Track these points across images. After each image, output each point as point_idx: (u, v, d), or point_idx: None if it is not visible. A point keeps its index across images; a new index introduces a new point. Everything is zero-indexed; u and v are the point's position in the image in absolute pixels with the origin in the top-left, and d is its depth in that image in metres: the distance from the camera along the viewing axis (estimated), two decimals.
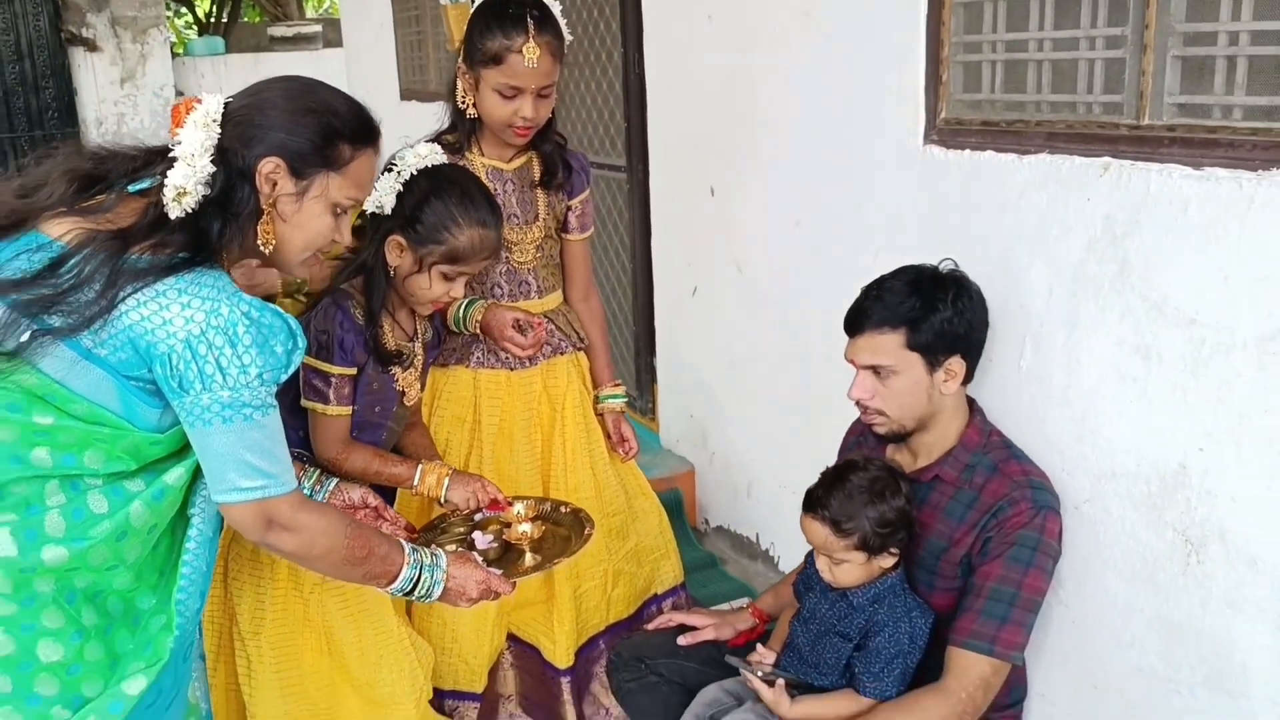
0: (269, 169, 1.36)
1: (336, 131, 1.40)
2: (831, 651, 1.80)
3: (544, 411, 2.26)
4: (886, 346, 1.74)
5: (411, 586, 1.56)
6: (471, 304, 2.11)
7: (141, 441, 1.33)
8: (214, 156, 1.34)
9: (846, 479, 1.76)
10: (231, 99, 1.40)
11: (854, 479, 1.75)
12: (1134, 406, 1.71)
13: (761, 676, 1.78)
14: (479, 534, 1.91)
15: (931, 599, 1.81)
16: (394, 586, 1.55)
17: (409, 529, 1.84)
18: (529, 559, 1.84)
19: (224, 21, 13.01)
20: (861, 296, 1.80)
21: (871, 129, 2.26)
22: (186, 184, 1.31)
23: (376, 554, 1.51)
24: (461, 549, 1.79)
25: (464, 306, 2.10)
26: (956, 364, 1.77)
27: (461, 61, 2.08)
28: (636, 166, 3.37)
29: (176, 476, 1.37)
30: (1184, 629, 1.68)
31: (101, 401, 1.30)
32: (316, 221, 1.42)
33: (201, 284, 1.30)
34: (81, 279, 1.26)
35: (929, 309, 1.73)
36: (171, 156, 1.33)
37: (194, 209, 1.32)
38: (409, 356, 1.90)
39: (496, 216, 1.85)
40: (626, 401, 2.40)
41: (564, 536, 1.91)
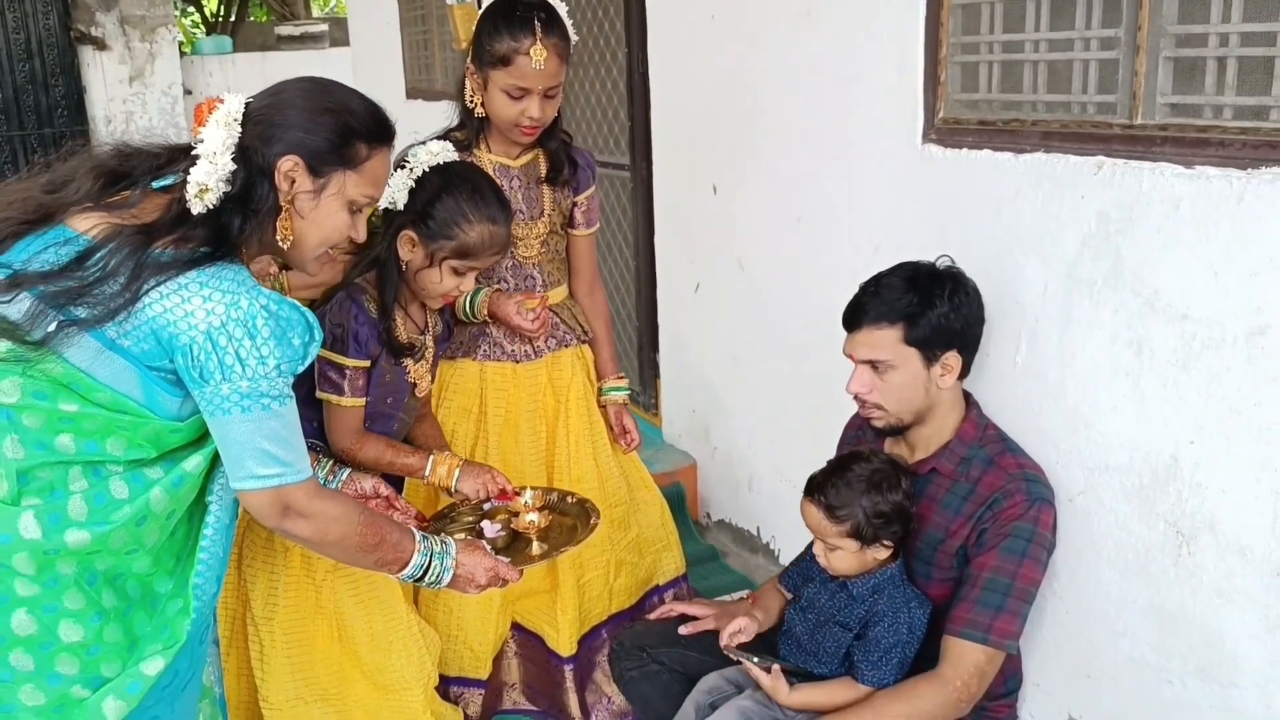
0: (288, 167, 1.40)
1: (353, 131, 1.44)
2: (831, 640, 1.83)
3: (549, 403, 2.29)
4: (884, 341, 1.77)
5: (422, 573, 1.59)
6: (477, 293, 2.15)
7: (162, 429, 1.37)
8: (235, 155, 1.37)
9: (849, 468, 1.79)
10: (252, 99, 1.44)
11: (856, 469, 1.78)
12: (1127, 400, 1.74)
13: (758, 663, 1.82)
14: (487, 523, 1.94)
15: (928, 589, 1.83)
16: (404, 573, 1.58)
17: (419, 518, 1.88)
18: (536, 548, 1.87)
19: (231, 21, 13.03)
20: (859, 293, 1.83)
21: (871, 128, 2.29)
22: (208, 181, 1.35)
23: (388, 541, 1.54)
24: (470, 537, 1.83)
25: (470, 296, 2.14)
26: (953, 359, 1.79)
27: (470, 62, 2.12)
28: (640, 164, 3.40)
29: (195, 464, 1.41)
30: (1175, 619, 1.70)
31: (124, 390, 1.33)
32: (333, 218, 1.46)
33: (222, 278, 1.34)
34: (107, 272, 1.29)
35: (926, 304, 1.75)
36: (194, 154, 1.37)
37: (215, 205, 1.36)
38: (420, 349, 1.93)
39: (506, 213, 1.89)
40: (629, 395, 2.43)
41: (570, 526, 1.94)
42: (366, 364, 1.85)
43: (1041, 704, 1.97)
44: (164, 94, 7.85)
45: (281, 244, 1.44)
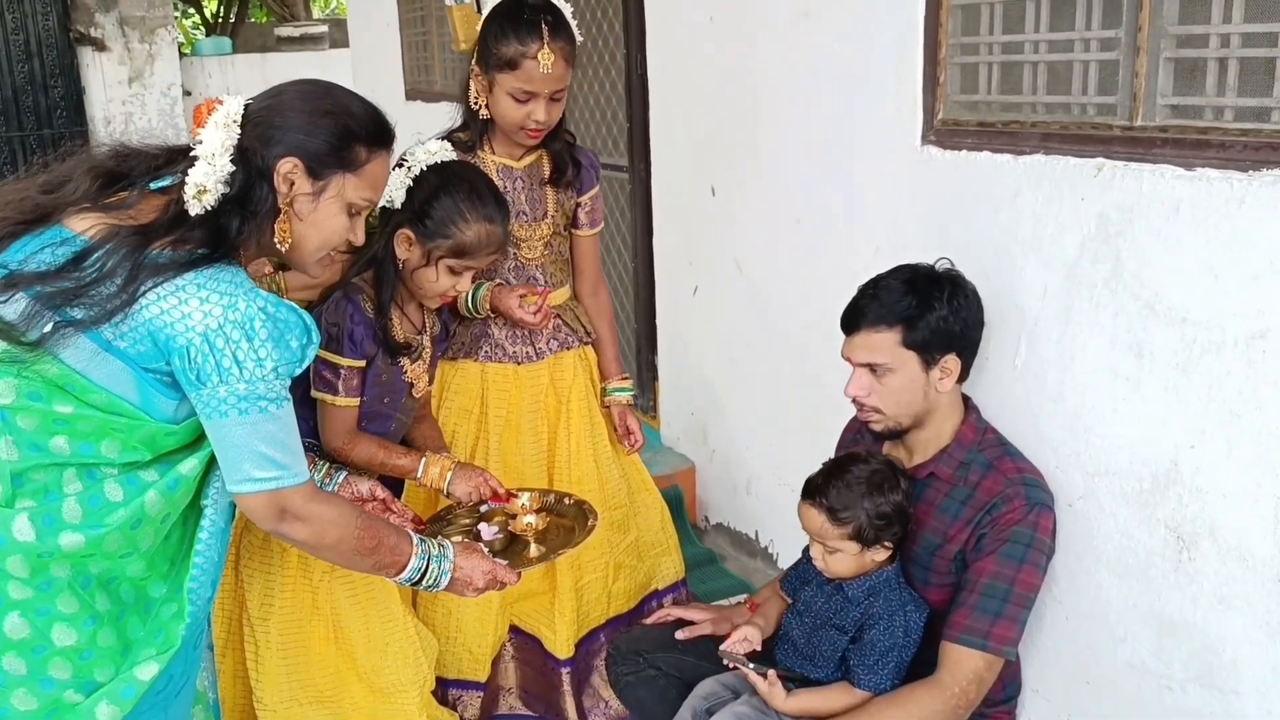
0: (287, 169, 1.39)
1: (353, 133, 1.43)
2: (827, 644, 1.82)
3: (550, 404, 2.29)
4: (882, 344, 1.76)
5: (419, 577, 1.58)
6: (479, 288, 2.15)
7: (157, 432, 1.36)
8: (234, 156, 1.37)
9: (848, 470, 1.79)
10: (252, 101, 1.43)
11: (855, 470, 1.78)
12: (1127, 404, 1.73)
13: (754, 669, 1.81)
14: (485, 525, 1.94)
15: (926, 594, 1.83)
16: (402, 576, 1.58)
17: (416, 521, 1.87)
18: (534, 550, 1.87)
19: (231, 22, 13.04)
20: (858, 295, 1.82)
21: (870, 129, 2.29)
22: (207, 182, 1.34)
23: (385, 544, 1.54)
24: (467, 540, 1.82)
25: (472, 291, 2.14)
26: (952, 362, 1.79)
27: (475, 64, 2.11)
28: (638, 166, 3.40)
29: (190, 467, 1.40)
30: (1175, 625, 1.69)
31: (120, 392, 1.33)
32: (332, 221, 1.45)
33: (220, 279, 1.33)
34: (104, 273, 1.29)
35: (925, 307, 1.75)
36: (193, 155, 1.37)
37: (213, 207, 1.36)
38: (417, 349, 1.93)
39: (503, 212, 1.89)
40: (632, 395, 2.43)
41: (568, 528, 1.94)
42: (362, 364, 1.84)
43: (1041, 710, 1.96)
44: (163, 95, 7.85)
45: (280, 246, 1.43)
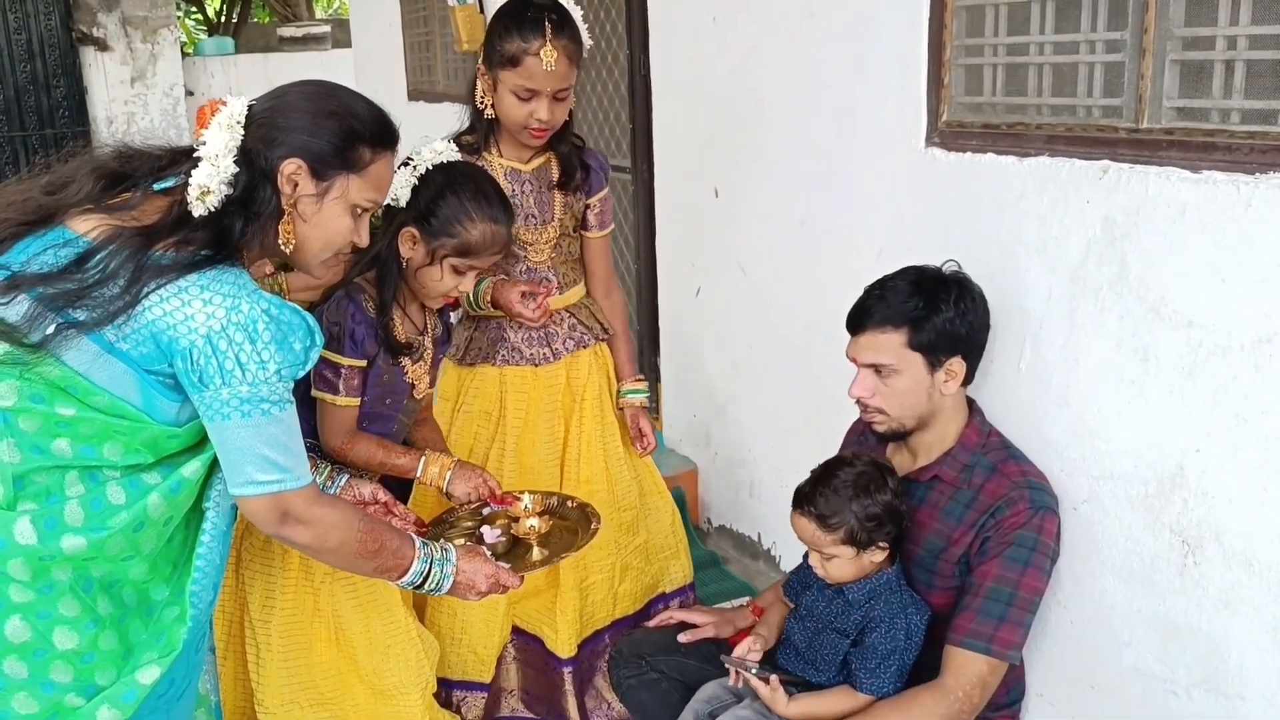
0: (291, 170, 1.39)
1: (357, 134, 1.43)
2: (828, 648, 1.82)
3: (566, 403, 2.30)
4: (888, 345, 1.76)
5: (422, 580, 1.58)
6: (482, 283, 2.15)
7: (160, 435, 1.36)
8: (237, 157, 1.37)
9: (833, 475, 1.78)
10: (255, 101, 1.43)
11: (840, 475, 1.78)
12: (1132, 408, 1.73)
13: (756, 674, 1.80)
14: (487, 528, 1.93)
15: (930, 598, 1.82)
16: (404, 580, 1.57)
17: (418, 524, 1.87)
18: (536, 553, 1.87)
19: (234, 22, 13.05)
20: (864, 295, 1.82)
21: (874, 131, 2.28)
22: (210, 183, 1.34)
23: (388, 548, 1.53)
24: (470, 543, 1.81)
25: (475, 287, 2.14)
26: (957, 364, 1.78)
27: (481, 63, 2.12)
28: (641, 167, 3.39)
29: (193, 470, 1.40)
30: (1181, 629, 1.69)
31: (122, 395, 1.32)
32: (336, 222, 1.45)
33: (223, 281, 1.33)
34: (106, 274, 1.29)
35: (931, 309, 1.75)
36: (196, 156, 1.36)
37: (217, 208, 1.35)
38: (419, 349, 1.93)
39: (508, 213, 1.89)
40: (646, 397, 2.42)
41: (570, 530, 1.94)
42: (362, 364, 1.84)
43: (1045, 715, 1.96)
44: (166, 95, 7.84)
45: (284, 247, 1.43)
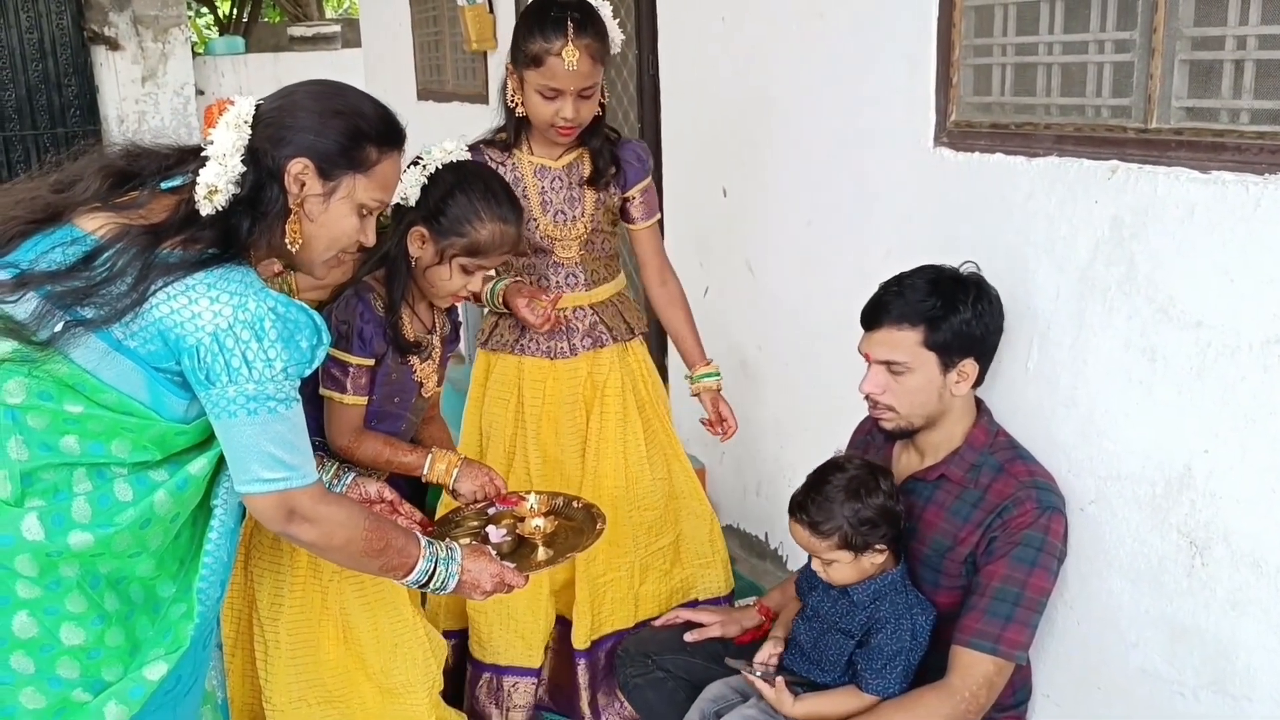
0: (298, 169, 1.39)
1: (363, 134, 1.43)
2: (834, 648, 1.82)
3: (588, 395, 2.30)
4: (903, 343, 1.75)
5: (427, 579, 1.58)
6: (498, 283, 2.18)
7: (167, 432, 1.36)
8: (245, 156, 1.37)
9: (826, 481, 1.78)
10: (263, 101, 1.43)
11: (833, 480, 1.77)
12: (1140, 408, 1.72)
13: (761, 675, 1.80)
14: (493, 528, 1.93)
15: (936, 598, 1.82)
16: (409, 578, 1.57)
17: (424, 523, 1.87)
18: (541, 553, 1.86)
19: (244, 21, 13.10)
20: (881, 291, 1.80)
21: (882, 131, 2.28)
22: (217, 182, 1.35)
23: (394, 546, 1.54)
24: (475, 542, 1.82)
25: (493, 285, 2.18)
26: (970, 366, 1.78)
27: (509, 62, 2.13)
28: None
29: (200, 467, 1.40)
30: (1188, 631, 1.68)
31: (130, 392, 1.33)
32: (343, 222, 1.45)
33: (230, 279, 1.33)
34: (114, 272, 1.29)
35: (949, 309, 1.74)
36: (204, 155, 1.37)
37: (224, 207, 1.36)
38: (427, 348, 1.93)
39: (517, 213, 1.89)
40: (720, 380, 2.37)
41: (576, 531, 1.94)
42: (370, 362, 1.85)
43: (1051, 715, 1.95)
44: (176, 94, 7.89)
45: (290, 247, 1.43)
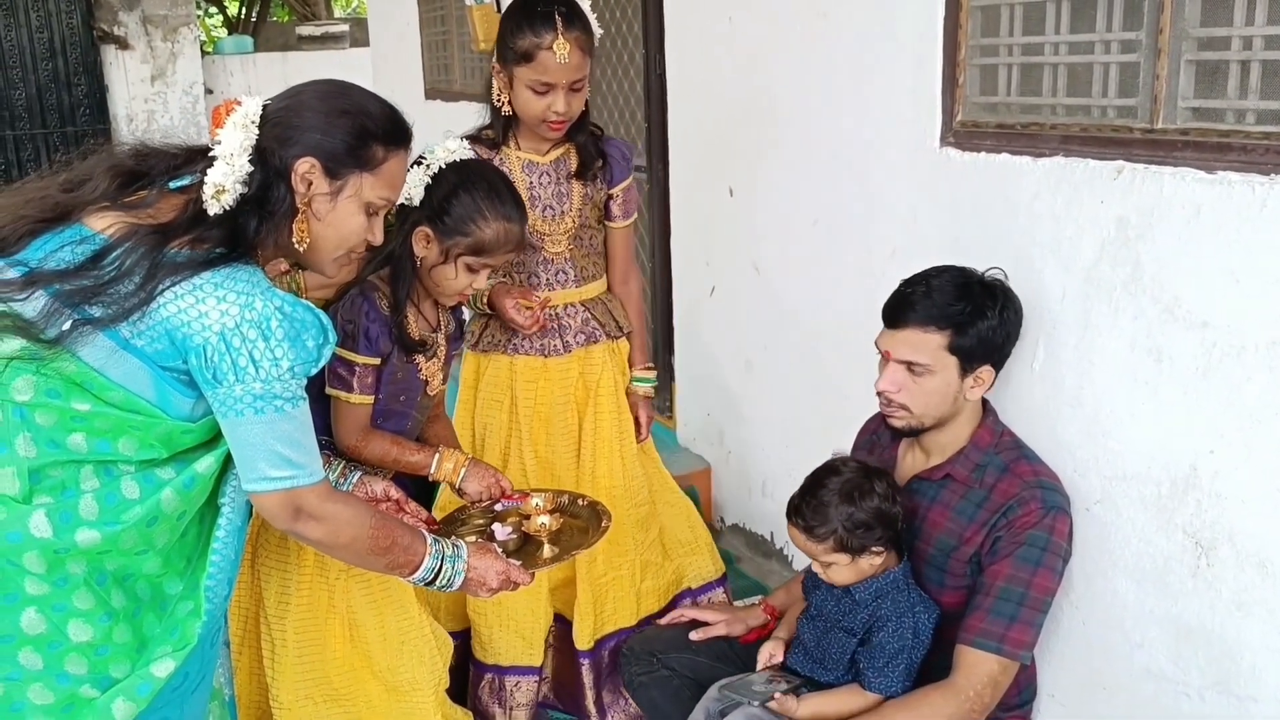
0: (304, 169, 1.40)
1: (370, 133, 1.44)
2: (836, 647, 1.82)
3: (580, 397, 2.31)
4: (928, 345, 1.74)
5: (433, 576, 1.59)
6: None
7: (174, 430, 1.37)
8: (252, 156, 1.38)
9: (821, 485, 1.79)
10: (270, 101, 1.44)
11: (828, 484, 1.78)
12: (1145, 408, 1.72)
13: (760, 704, 1.79)
14: (498, 526, 1.94)
15: (941, 597, 1.82)
16: (415, 576, 1.58)
17: (429, 522, 1.88)
18: (547, 550, 1.87)
19: (253, 20, 13.13)
20: (907, 289, 1.79)
21: (888, 131, 2.28)
22: (225, 182, 1.35)
23: (400, 544, 1.54)
24: (481, 540, 1.82)
25: None
26: (987, 373, 1.78)
27: (495, 61, 2.14)
28: (656, 166, 3.40)
29: (207, 465, 1.41)
30: (1194, 631, 1.68)
31: (137, 390, 1.34)
32: (350, 221, 1.46)
33: (237, 279, 1.34)
34: (122, 271, 1.30)
35: (977, 315, 1.73)
36: (211, 155, 1.38)
37: (232, 206, 1.37)
38: (432, 346, 1.94)
39: (521, 211, 1.90)
40: (654, 386, 2.42)
41: (581, 529, 1.94)
42: (376, 361, 1.85)
43: (1056, 715, 1.95)
44: (185, 93, 7.91)
45: (298, 246, 1.44)
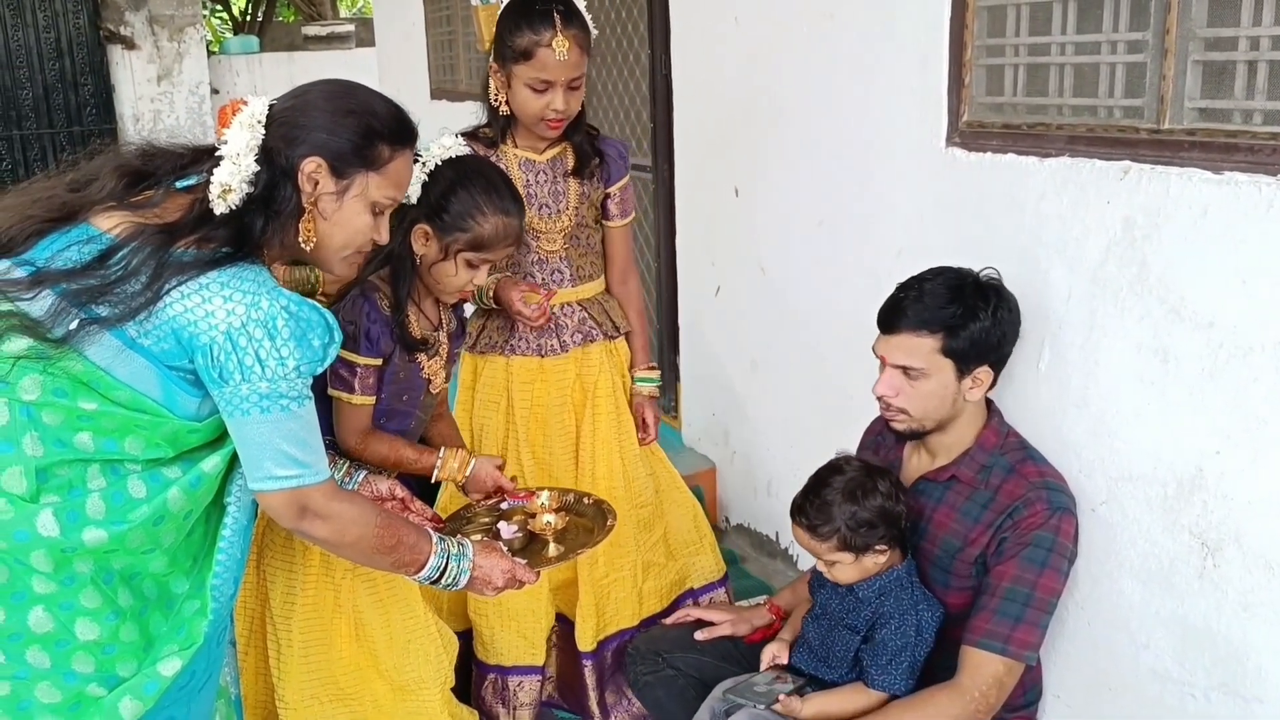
0: (311, 168, 1.40)
1: (376, 132, 1.44)
2: (840, 645, 1.82)
3: (577, 398, 2.30)
4: (921, 349, 1.74)
5: (438, 575, 1.59)
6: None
7: (180, 429, 1.37)
8: (258, 156, 1.38)
9: (824, 484, 1.79)
10: (276, 101, 1.45)
11: (831, 483, 1.78)
12: (1151, 409, 1.72)
13: (766, 688, 1.80)
14: (504, 524, 1.94)
15: (946, 598, 1.82)
16: (421, 575, 1.58)
17: (435, 520, 1.88)
18: (552, 549, 1.87)
19: (259, 20, 13.16)
20: (900, 294, 1.79)
21: (894, 131, 2.27)
22: (231, 182, 1.36)
23: (405, 543, 1.54)
24: (487, 539, 1.83)
25: None
26: (985, 373, 1.77)
27: (493, 60, 2.14)
28: (662, 166, 3.40)
29: (213, 465, 1.41)
30: (1199, 632, 1.68)
31: (143, 389, 1.34)
32: (356, 220, 1.46)
33: (243, 278, 1.34)
34: (129, 271, 1.30)
35: (969, 317, 1.73)
36: (218, 155, 1.38)
37: (238, 206, 1.37)
38: (434, 345, 1.94)
39: (519, 205, 1.89)
40: (658, 386, 2.41)
41: (587, 528, 1.94)
42: (378, 362, 1.85)
43: (1061, 716, 1.95)
44: (191, 93, 7.92)
45: (304, 245, 1.44)
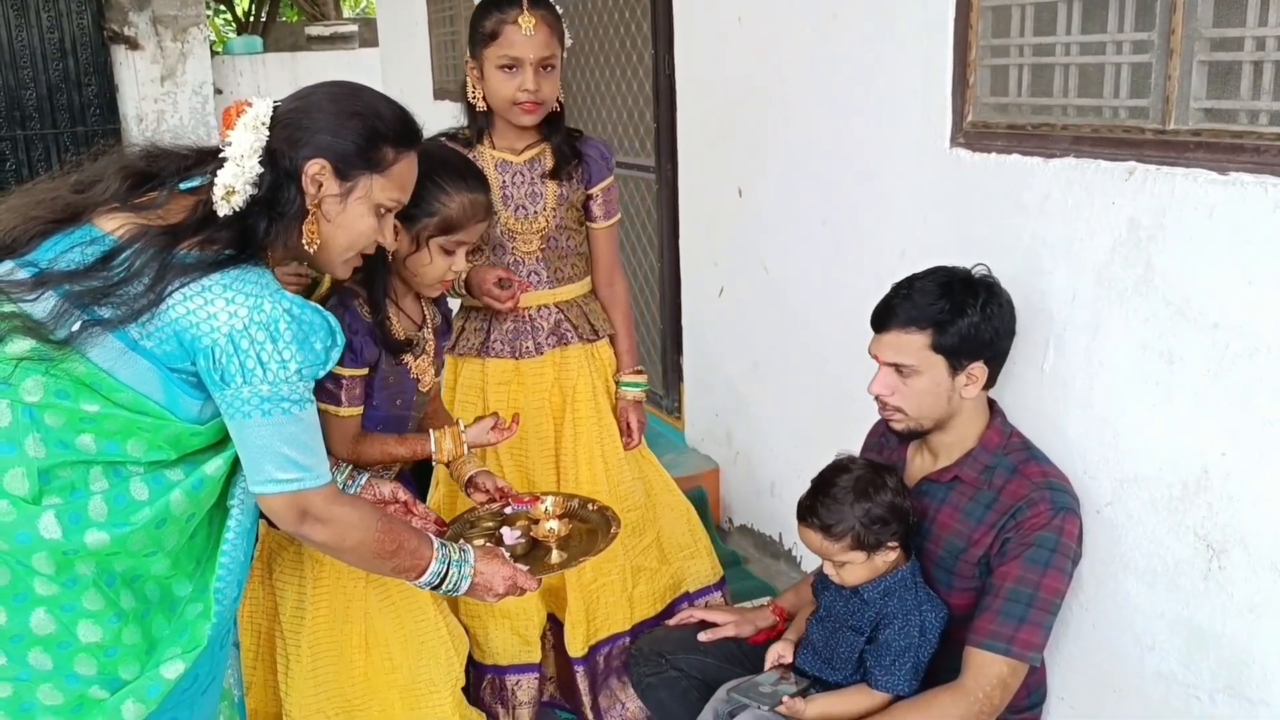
0: (315, 170, 1.40)
1: (380, 134, 1.44)
2: (845, 646, 1.82)
3: (555, 402, 2.28)
4: (911, 346, 1.75)
5: (439, 581, 1.59)
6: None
7: (182, 432, 1.37)
8: (262, 158, 1.38)
9: (832, 484, 1.79)
10: (280, 102, 1.44)
11: (839, 482, 1.78)
12: (1156, 410, 1.71)
13: (770, 688, 1.80)
14: (506, 529, 1.92)
15: (950, 599, 1.82)
16: (422, 580, 1.58)
17: (438, 524, 1.87)
18: (555, 556, 1.85)
19: (262, 21, 13.17)
20: (891, 294, 1.81)
21: (898, 131, 2.27)
22: (235, 183, 1.36)
23: (406, 548, 1.54)
24: (489, 544, 1.82)
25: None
26: (979, 369, 1.77)
27: (468, 56, 2.15)
28: (665, 167, 3.40)
29: (215, 467, 1.41)
30: (1205, 634, 1.67)
31: (146, 392, 1.34)
32: (360, 222, 1.46)
33: (246, 280, 1.34)
34: (132, 272, 1.30)
35: (957, 313, 1.73)
36: (222, 157, 1.38)
37: (242, 208, 1.37)
38: (419, 343, 1.90)
39: (482, 180, 1.86)
40: (645, 390, 2.38)
41: (590, 534, 1.93)
42: (364, 372, 1.81)
43: (1066, 718, 1.94)
44: (195, 93, 7.93)
45: (308, 247, 1.44)
